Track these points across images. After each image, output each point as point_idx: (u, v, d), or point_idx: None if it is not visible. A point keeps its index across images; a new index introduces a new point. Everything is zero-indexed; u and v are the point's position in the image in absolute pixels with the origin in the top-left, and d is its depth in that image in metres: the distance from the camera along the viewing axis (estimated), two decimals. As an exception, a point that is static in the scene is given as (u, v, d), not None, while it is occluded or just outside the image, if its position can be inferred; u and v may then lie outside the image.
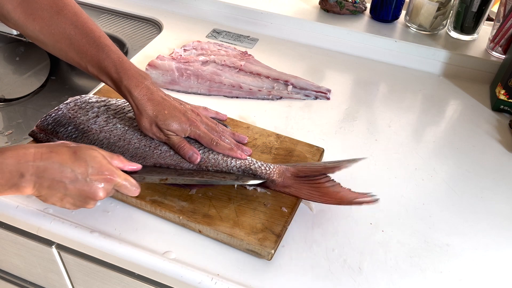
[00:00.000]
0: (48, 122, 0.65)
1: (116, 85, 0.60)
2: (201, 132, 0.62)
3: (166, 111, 0.60)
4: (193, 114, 0.63)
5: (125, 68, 0.60)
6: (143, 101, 0.59)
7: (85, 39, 0.60)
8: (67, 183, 0.50)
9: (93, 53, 0.60)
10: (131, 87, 0.59)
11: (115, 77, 0.60)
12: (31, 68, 1.08)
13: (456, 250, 0.58)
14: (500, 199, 0.65)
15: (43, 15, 0.59)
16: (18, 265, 0.71)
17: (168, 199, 0.58)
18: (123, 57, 0.61)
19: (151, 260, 0.54)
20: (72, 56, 0.61)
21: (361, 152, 0.71)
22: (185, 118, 0.61)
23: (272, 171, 0.59)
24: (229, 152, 0.62)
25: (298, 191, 0.58)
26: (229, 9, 0.99)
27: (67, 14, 0.60)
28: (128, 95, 0.60)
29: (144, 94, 0.60)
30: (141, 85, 0.60)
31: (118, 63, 0.60)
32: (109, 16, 1.03)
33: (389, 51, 0.92)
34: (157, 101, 0.60)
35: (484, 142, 0.75)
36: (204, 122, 0.64)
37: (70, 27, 0.60)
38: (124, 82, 0.59)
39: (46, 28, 0.60)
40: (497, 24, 0.85)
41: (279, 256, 0.55)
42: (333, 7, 0.96)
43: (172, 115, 0.60)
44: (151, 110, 0.60)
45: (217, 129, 0.65)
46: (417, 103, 0.83)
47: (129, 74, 0.59)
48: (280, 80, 0.83)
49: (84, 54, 0.60)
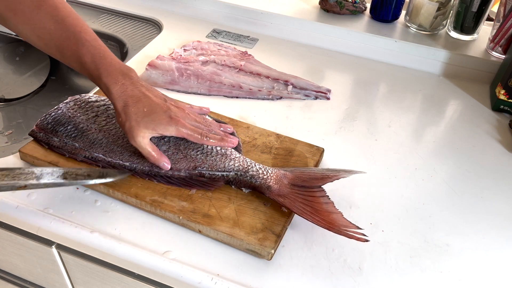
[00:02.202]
0: (47, 121, 0.65)
1: (96, 82, 0.59)
2: (188, 131, 0.59)
3: (145, 109, 0.57)
4: (177, 110, 0.60)
5: (105, 64, 0.57)
6: (122, 98, 0.57)
7: (65, 34, 0.58)
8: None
9: (73, 49, 0.58)
10: (110, 84, 0.57)
11: (94, 74, 0.58)
12: (31, 68, 1.08)
13: (456, 250, 0.58)
14: (500, 199, 0.65)
15: (23, 10, 0.58)
16: (18, 265, 0.71)
17: (168, 199, 0.58)
18: (104, 52, 0.58)
19: (151, 260, 0.54)
20: (54, 52, 0.60)
21: (361, 152, 0.71)
22: (167, 117, 0.58)
23: (269, 176, 0.59)
24: (221, 143, 0.60)
25: (292, 203, 0.56)
26: (229, 9, 0.99)
27: (47, 8, 0.58)
28: (107, 92, 0.58)
29: (123, 91, 0.57)
30: (120, 81, 0.57)
31: (98, 58, 0.57)
32: (109, 16, 1.03)
33: (389, 51, 0.92)
34: (136, 98, 0.57)
35: (484, 142, 0.75)
36: (190, 117, 0.61)
37: (50, 22, 0.58)
38: (103, 79, 0.57)
39: (27, 22, 0.58)
40: (497, 24, 0.85)
41: (279, 256, 0.55)
42: (333, 7, 0.96)
43: (152, 113, 0.57)
44: (128, 107, 0.57)
45: (204, 123, 0.63)
46: (417, 103, 0.83)
47: (109, 70, 0.57)
48: (280, 80, 0.83)
49: (64, 49, 0.58)
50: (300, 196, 0.57)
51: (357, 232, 0.53)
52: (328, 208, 0.56)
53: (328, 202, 0.56)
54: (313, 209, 0.55)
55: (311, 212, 0.55)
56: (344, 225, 0.54)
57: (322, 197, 0.57)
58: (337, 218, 0.55)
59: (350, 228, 0.53)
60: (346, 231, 0.53)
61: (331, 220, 0.54)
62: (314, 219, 0.55)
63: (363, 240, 0.52)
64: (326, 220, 0.54)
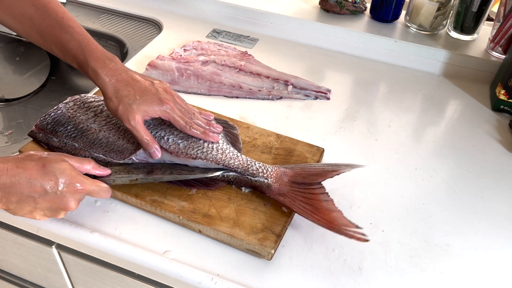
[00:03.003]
0: (47, 122, 0.65)
1: (82, 67, 0.59)
2: (175, 115, 0.59)
3: (136, 91, 0.58)
4: (165, 94, 0.60)
5: (91, 49, 0.58)
6: (111, 82, 0.57)
7: (47, 21, 0.59)
8: (36, 197, 0.50)
9: (56, 35, 0.58)
10: (98, 68, 0.57)
11: (81, 59, 0.58)
12: (31, 68, 1.08)
13: (456, 250, 0.58)
14: (500, 199, 0.65)
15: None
16: (18, 265, 0.71)
17: (168, 199, 0.58)
18: (88, 38, 0.59)
19: (151, 260, 0.54)
20: (36, 38, 0.60)
21: (361, 152, 0.71)
22: (157, 99, 0.58)
23: (269, 174, 0.59)
24: (202, 137, 0.61)
25: (292, 202, 0.56)
26: (229, 9, 0.99)
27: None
28: (95, 76, 0.58)
29: (112, 75, 0.58)
30: (108, 65, 0.58)
31: (83, 44, 0.58)
32: (109, 16, 1.03)
33: (389, 51, 0.92)
34: (125, 81, 0.58)
35: (484, 142, 0.75)
36: (177, 102, 0.62)
37: (31, 8, 0.59)
38: (90, 63, 0.57)
39: (7, 10, 0.59)
40: (497, 24, 0.85)
41: (279, 256, 0.55)
42: (333, 7, 0.96)
43: (143, 95, 0.58)
44: (119, 91, 0.57)
45: (188, 110, 0.63)
46: (417, 103, 0.83)
47: (95, 56, 0.58)
48: (280, 80, 0.83)
49: (47, 35, 0.59)
50: (300, 194, 0.57)
51: (357, 232, 0.53)
52: (328, 206, 0.56)
53: (328, 199, 0.56)
54: (314, 208, 0.56)
55: (311, 211, 0.55)
56: (344, 224, 0.54)
57: (322, 194, 0.57)
58: (337, 217, 0.55)
59: (350, 228, 0.53)
60: (346, 230, 0.53)
61: (331, 219, 0.54)
62: (314, 218, 0.55)
63: (363, 240, 0.52)
64: (326, 219, 0.54)
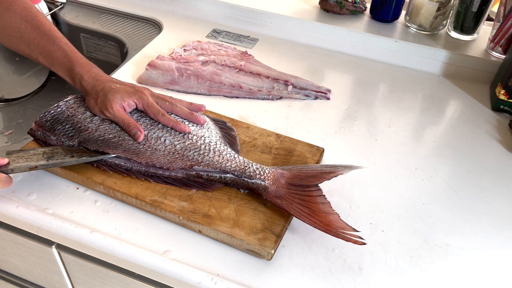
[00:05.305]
0: (46, 119, 0.66)
1: (68, 73, 0.66)
2: (148, 101, 0.65)
3: (113, 86, 0.65)
4: (142, 88, 0.67)
5: (76, 57, 0.66)
6: (92, 82, 0.65)
7: (35, 32, 0.65)
8: None
9: (44, 45, 0.65)
10: (83, 72, 0.65)
11: (68, 65, 0.65)
12: (31, 68, 1.08)
13: (456, 250, 0.58)
14: (500, 199, 0.65)
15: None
16: (18, 265, 0.71)
17: (168, 199, 0.58)
18: (73, 48, 0.67)
19: (151, 260, 0.54)
20: (23, 48, 0.67)
21: (361, 152, 0.71)
22: (132, 89, 0.65)
23: (266, 176, 0.59)
24: (173, 125, 0.64)
25: (289, 205, 0.56)
26: (229, 9, 0.99)
27: (16, 9, 0.66)
28: (79, 80, 0.65)
29: (93, 77, 0.66)
30: (91, 70, 0.66)
31: (69, 52, 0.66)
32: (109, 16, 1.03)
33: (389, 51, 0.92)
34: (104, 79, 0.66)
35: (484, 142, 0.75)
36: (154, 95, 0.67)
37: (20, 22, 0.65)
38: (76, 69, 0.65)
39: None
40: (497, 24, 0.85)
41: (279, 256, 0.55)
42: (333, 7, 0.96)
43: (118, 87, 0.65)
44: (95, 86, 0.65)
45: (168, 100, 0.67)
46: (417, 103, 0.83)
47: (80, 62, 0.66)
48: (280, 80, 0.83)
49: (35, 46, 0.66)
50: (297, 196, 0.57)
51: (355, 235, 0.53)
52: (325, 209, 0.55)
53: (325, 202, 0.56)
54: (310, 210, 0.55)
55: (308, 214, 0.55)
56: (341, 227, 0.54)
57: (319, 197, 0.57)
58: (334, 219, 0.54)
59: (347, 231, 0.53)
60: (343, 233, 0.53)
61: (328, 222, 0.54)
62: (311, 221, 0.54)
63: (360, 243, 0.52)
64: (323, 221, 0.54)
